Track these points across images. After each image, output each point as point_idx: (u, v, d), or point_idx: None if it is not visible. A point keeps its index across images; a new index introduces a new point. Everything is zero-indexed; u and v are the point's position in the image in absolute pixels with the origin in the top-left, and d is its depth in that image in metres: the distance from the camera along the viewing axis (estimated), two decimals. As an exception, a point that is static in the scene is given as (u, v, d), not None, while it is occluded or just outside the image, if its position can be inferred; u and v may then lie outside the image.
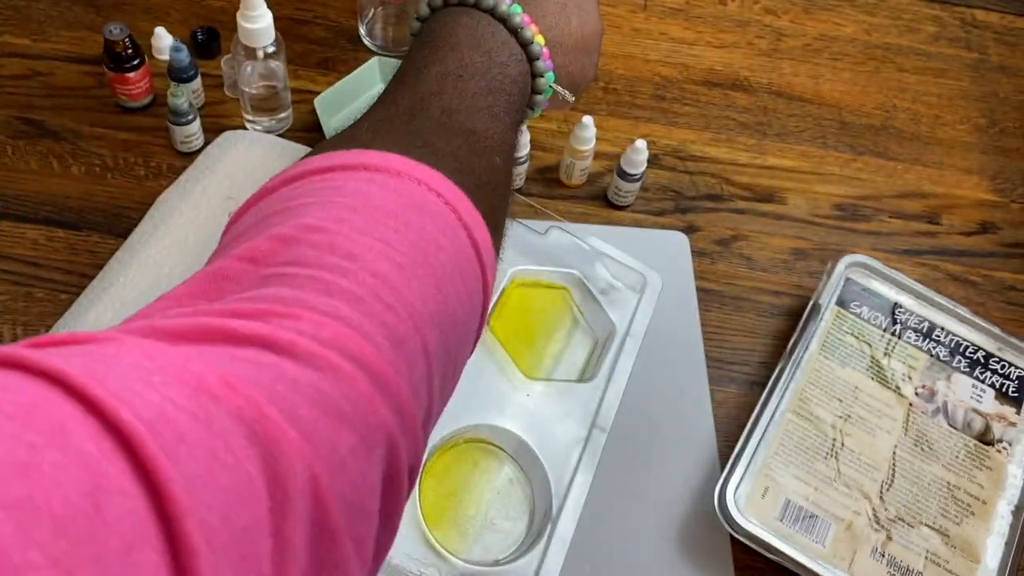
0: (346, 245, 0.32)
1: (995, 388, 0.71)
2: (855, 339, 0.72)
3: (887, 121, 0.91)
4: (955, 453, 0.68)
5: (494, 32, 0.46)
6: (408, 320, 0.32)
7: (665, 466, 0.67)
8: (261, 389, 0.26)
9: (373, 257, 0.32)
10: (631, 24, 0.95)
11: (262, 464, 0.25)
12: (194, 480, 0.23)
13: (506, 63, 0.46)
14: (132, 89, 0.78)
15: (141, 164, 0.77)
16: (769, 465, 0.65)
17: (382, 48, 0.88)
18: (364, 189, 0.35)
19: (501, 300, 0.66)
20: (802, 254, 0.80)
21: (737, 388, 0.72)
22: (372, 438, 0.29)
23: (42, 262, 0.71)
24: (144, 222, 0.69)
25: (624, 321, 0.67)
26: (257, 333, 0.28)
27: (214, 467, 0.24)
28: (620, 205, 0.80)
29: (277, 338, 0.28)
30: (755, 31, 0.97)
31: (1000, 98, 0.95)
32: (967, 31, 1.00)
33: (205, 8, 0.89)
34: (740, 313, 0.76)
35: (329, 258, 0.32)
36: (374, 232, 0.33)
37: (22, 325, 0.68)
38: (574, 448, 0.61)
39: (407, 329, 0.32)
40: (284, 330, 0.28)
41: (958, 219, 0.85)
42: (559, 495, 0.59)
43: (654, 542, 0.64)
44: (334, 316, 0.30)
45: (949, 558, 0.64)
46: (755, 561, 0.64)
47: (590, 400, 0.63)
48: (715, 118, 0.88)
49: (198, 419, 0.24)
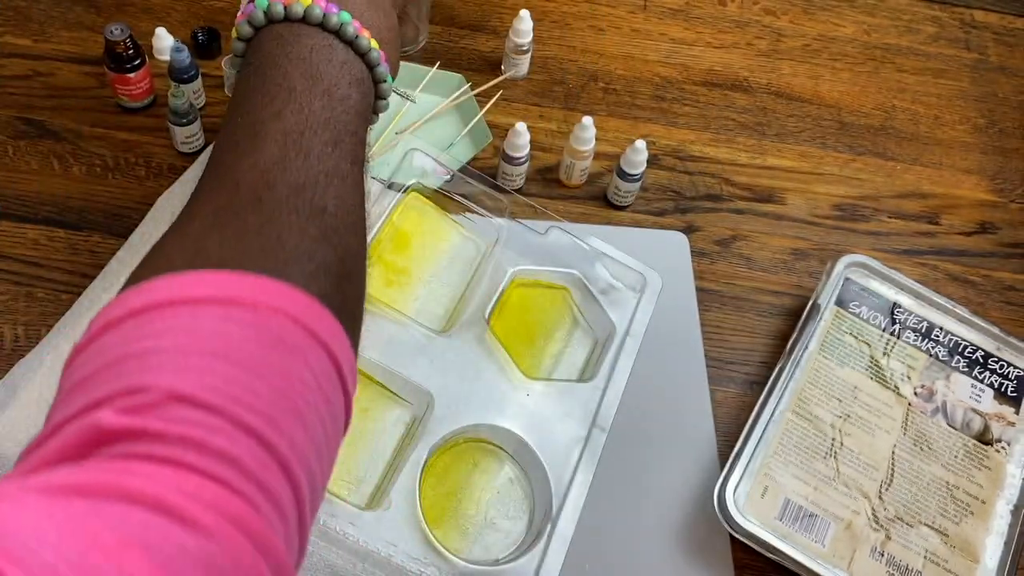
0: (213, 400, 0.31)
1: (994, 388, 0.72)
2: (854, 339, 0.72)
3: (886, 121, 0.91)
4: (954, 453, 0.68)
5: (329, 54, 0.43)
6: (281, 473, 0.32)
7: (665, 466, 0.67)
8: (151, 552, 0.27)
9: (242, 411, 0.32)
10: (631, 24, 0.95)
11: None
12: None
13: (347, 94, 0.43)
14: (133, 89, 0.78)
15: (142, 164, 0.77)
16: (769, 465, 0.65)
17: (382, 48, 0.88)
18: (222, 330, 0.34)
19: (501, 300, 0.66)
20: (801, 254, 0.80)
21: (737, 388, 0.72)
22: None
23: (43, 262, 0.71)
24: (145, 222, 0.69)
25: (624, 321, 0.68)
26: (147, 492, 0.28)
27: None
28: (620, 205, 0.80)
29: (167, 500, 0.28)
30: (754, 31, 0.97)
31: (999, 98, 0.95)
32: (966, 31, 1.00)
33: (205, 9, 0.89)
34: (740, 313, 0.76)
35: (198, 415, 0.31)
36: (240, 382, 0.32)
37: (23, 325, 0.68)
38: (574, 448, 0.61)
39: (281, 482, 0.32)
40: (172, 491, 0.29)
41: (957, 219, 0.85)
42: (559, 495, 0.59)
43: (654, 541, 0.64)
44: (213, 478, 0.30)
45: (948, 557, 0.64)
46: (755, 560, 0.64)
47: (590, 400, 0.63)
48: (715, 118, 0.89)
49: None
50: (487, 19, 0.93)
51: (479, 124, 0.82)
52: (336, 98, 0.42)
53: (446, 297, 0.67)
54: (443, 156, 0.71)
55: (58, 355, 0.60)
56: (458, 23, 0.92)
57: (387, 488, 0.58)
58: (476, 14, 0.93)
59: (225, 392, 0.32)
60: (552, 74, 0.89)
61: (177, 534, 0.28)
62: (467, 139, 0.82)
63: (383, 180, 0.71)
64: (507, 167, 0.78)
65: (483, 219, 0.70)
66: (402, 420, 0.62)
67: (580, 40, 0.93)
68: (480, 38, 0.91)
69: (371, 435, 0.60)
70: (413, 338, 0.63)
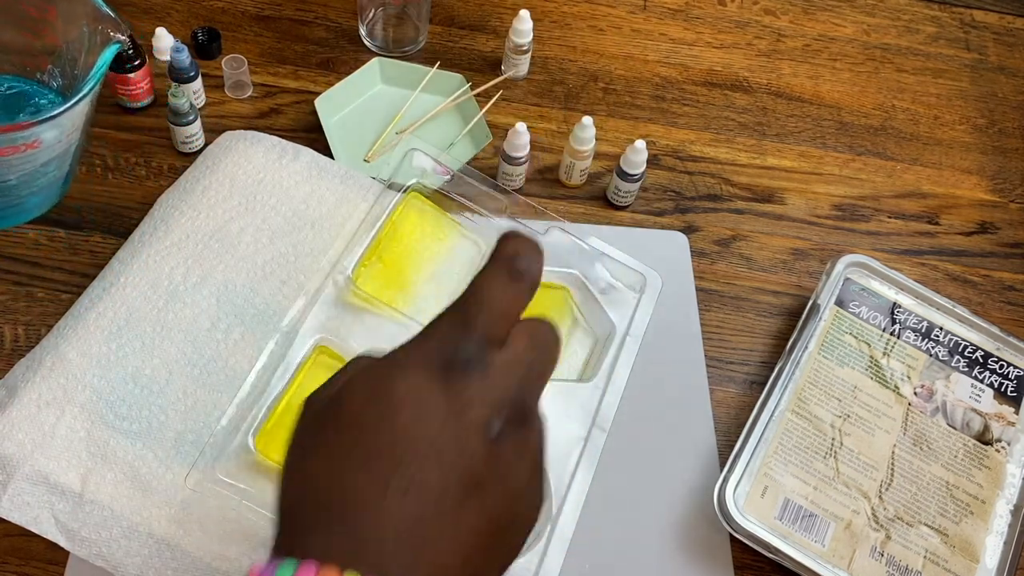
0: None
1: (994, 388, 0.72)
2: (854, 339, 0.72)
3: (886, 121, 0.91)
4: (954, 452, 0.68)
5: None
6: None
7: (665, 465, 0.67)
8: None
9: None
10: (631, 25, 0.95)
11: None
12: None
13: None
14: (133, 89, 0.78)
15: (142, 164, 0.77)
16: (768, 464, 0.65)
17: (382, 49, 0.88)
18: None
19: (501, 300, 0.66)
20: (801, 254, 0.81)
21: (736, 387, 0.72)
22: None
23: (43, 262, 0.71)
24: (145, 222, 0.69)
25: (624, 321, 0.68)
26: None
27: None
28: (620, 205, 0.80)
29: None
30: (754, 32, 0.97)
31: (999, 98, 0.95)
32: (966, 31, 1.00)
33: (206, 9, 0.89)
34: (739, 313, 0.76)
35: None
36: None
37: (23, 325, 0.68)
38: (574, 448, 0.61)
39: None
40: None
41: (957, 219, 0.85)
42: (559, 495, 0.59)
43: (654, 541, 0.64)
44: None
45: (948, 557, 0.64)
46: (754, 560, 0.64)
47: (590, 400, 0.63)
48: (714, 118, 0.89)
49: None
50: (487, 19, 0.93)
51: (479, 124, 0.82)
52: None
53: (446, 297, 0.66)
54: (443, 156, 0.71)
55: (58, 355, 0.60)
56: (458, 23, 0.92)
57: (387, 488, 0.58)
58: (476, 14, 0.93)
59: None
60: (552, 74, 0.89)
61: None
62: (467, 139, 0.82)
63: (383, 180, 0.71)
64: (507, 167, 0.78)
65: (483, 219, 0.70)
66: (402, 420, 0.62)
67: (580, 40, 0.93)
68: (480, 38, 0.91)
69: (371, 435, 0.61)
70: (413, 338, 0.63)
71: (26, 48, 0.73)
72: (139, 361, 0.61)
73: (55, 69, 0.73)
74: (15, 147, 0.62)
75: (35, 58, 0.73)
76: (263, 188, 0.69)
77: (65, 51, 0.71)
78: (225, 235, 0.67)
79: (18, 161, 0.64)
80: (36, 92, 0.75)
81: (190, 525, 0.56)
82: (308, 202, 0.69)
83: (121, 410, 0.59)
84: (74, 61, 0.70)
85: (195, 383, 0.61)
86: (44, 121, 0.61)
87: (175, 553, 0.55)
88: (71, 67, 0.71)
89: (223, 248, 0.66)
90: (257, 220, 0.68)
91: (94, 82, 0.64)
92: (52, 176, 0.69)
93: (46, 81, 0.74)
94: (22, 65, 0.74)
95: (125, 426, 0.58)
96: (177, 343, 0.62)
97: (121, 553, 0.55)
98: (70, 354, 0.60)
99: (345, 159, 0.79)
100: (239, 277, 0.65)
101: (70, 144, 0.67)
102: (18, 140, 0.62)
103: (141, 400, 0.59)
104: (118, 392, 0.59)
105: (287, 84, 0.85)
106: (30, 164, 0.65)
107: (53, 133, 0.63)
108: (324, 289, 0.63)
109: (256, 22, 0.89)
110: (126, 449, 0.58)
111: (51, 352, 0.60)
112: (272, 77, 0.85)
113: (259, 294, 0.65)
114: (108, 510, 0.56)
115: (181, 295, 0.64)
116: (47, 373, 0.59)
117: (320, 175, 0.71)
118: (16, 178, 0.66)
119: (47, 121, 0.61)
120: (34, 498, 0.55)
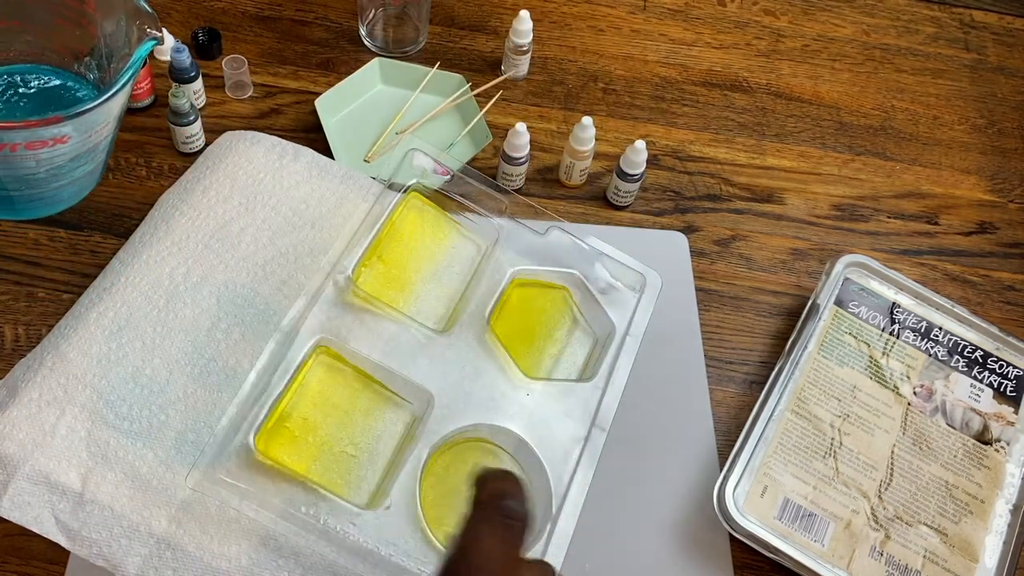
0: None
1: (993, 387, 0.72)
2: (853, 339, 0.72)
3: (885, 122, 0.92)
4: (953, 452, 0.68)
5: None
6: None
7: (664, 465, 0.67)
8: None
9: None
10: (631, 25, 0.95)
11: None
12: None
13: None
14: (134, 90, 0.78)
15: (143, 164, 0.78)
16: (768, 464, 0.65)
17: (383, 49, 0.88)
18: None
19: (501, 300, 0.67)
20: (801, 254, 0.81)
21: (736, 387, 0.72)
22: None
23: (44, 262, 0.71)
24: (145, 222, 0.69)
25: (624, 321, 0.68)
26: None
27: None
28: (620, 205, 0.80)
29: None
30: (754, 32, 0.97)
31: (998, 98, 0.95)
32: (965, 32, 1.01)
33: (206, 9, 0.89)
34: (739, 313, 0.76)
35: None
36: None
37: (24, 325, 0.68)
38: (574, 447, 0.61)
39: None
40: None
41: (956, 219, 0.85)
42: (559, 494, 0.59)
43: (653, 541, 0.64)
44: None
45: (947, 557, 0.64)
46: (754, 560, 0.64)
47: (590, 400, 0.63)
48: (714, 119, 0.89)
49: None
50: (487, 19, 0.93)
51: (479, 124, 0.82)
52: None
53: (446, 297, 0.67)
54: (443, 156, 0.72)
55: (58, 355, 0.60)
56: (458, 23, 0.92)
57: (387, 488, 0.58)
58: (476, 14, 0.93)
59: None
60: (552, 74, 0.90)
61: None
62: (467, 139, 0.83)
63: (383, 180, 0.71)
64: (507, 167, 0.78)
65: (483, 219, 0.71)
66: (402, 420, 0.62)
67: (580, 40, 0.93)
68: (480, 38, 0.91)
69: (371, 435, 0.61)
70: (413, 338, 0.63)
71: (65, 39, 0.73)
72: (139, 361, 0.61)
73: (92, 62, 0.74)
74: (43, 141, 0.62)
75: (73, 50, 0.74)
76: (263, 188, 0.69)
77: (102, 44, 0.72)
78: (225, 235, 0.67)
79: (47, 155, 0.64)
80: (74, 85, 0.75)
81: (190, 525, 0.56)
82: (308, 202, 0.69)
83: (122, 410, 0.59)
84: (111, 55, 0.71)
85: (195, 383, 0.61)
86: (72, 117, 0.61)
87: (175, 553, 0.55)
88: (108, 60, 0.72)
89: (223, 248, 0.66)
90: (257, 220, 0.68)
91: (127, 77, 0.64)
92: (85, 169, 0.69)
93: (83, 74, 0.75)
94: (60, 56, 0.75)
95: (126, 426, 0.58)
96: (178, 343, 0.62)
97: (121, 553, 0.55)
98: (71, 354, 0.60)
99: (345, 159, 0.79)
100: (240, 277, 0.65)
101: (103, 137, 0.68)
102: (46, 135, 0.62)
103: (141, 400, 0.59)
104: (119, 392, 0.59)
105: (287, 84, 0.85)
106: (62, 157, 0.65)
107: (81, 128, 0.64)
108: (324, 289, 0.63)
109: (256, 22, 0.89)
110: (126, 449, 0.58)
111: (52, 352, 0.60)
112: (272, 77, 0.85)
113: (259, 294, 0.65)
114: (108, 510, 0.56)
115: (182, 295, 0.64)
116: (48, 373, 0.59)
117: (320, 175, 0.71)
118: (45, 172, 0.66)
119: (74, 118, 0.62)
120: (35, 498, 0.56)
